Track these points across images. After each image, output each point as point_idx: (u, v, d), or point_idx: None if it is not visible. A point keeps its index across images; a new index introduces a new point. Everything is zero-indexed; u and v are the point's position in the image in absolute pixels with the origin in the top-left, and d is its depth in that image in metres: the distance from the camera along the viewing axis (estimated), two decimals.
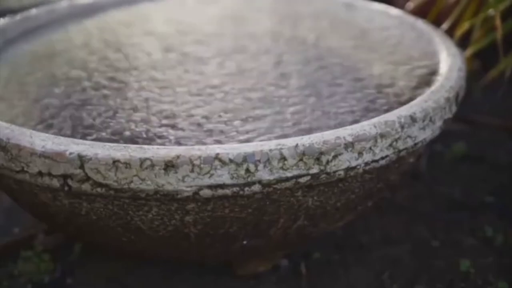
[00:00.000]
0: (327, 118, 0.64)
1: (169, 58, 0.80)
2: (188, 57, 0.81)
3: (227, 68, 0.77)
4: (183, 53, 0.82)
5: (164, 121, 0.64)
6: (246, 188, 0.53)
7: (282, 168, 0.53)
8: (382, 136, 0.56)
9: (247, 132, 0.62)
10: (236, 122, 0.64)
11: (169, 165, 0.51)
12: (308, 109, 0.66)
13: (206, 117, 0.65)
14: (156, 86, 0.72)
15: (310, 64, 0.78)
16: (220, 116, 0.65)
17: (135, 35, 0.89)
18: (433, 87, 0.65)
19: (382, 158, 0.57)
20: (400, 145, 0.58)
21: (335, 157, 0.54)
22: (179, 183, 0.52)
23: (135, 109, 0.67)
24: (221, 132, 0.62)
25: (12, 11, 1.03)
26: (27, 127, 0.59)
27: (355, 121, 0.62)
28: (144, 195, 0.53)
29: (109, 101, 0.69)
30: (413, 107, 0.60)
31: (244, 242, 0.61)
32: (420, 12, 0.96)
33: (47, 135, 0.55)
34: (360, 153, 0.55)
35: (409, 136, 0.58)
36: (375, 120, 0.57)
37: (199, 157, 0.51)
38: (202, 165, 0.51)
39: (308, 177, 0.54)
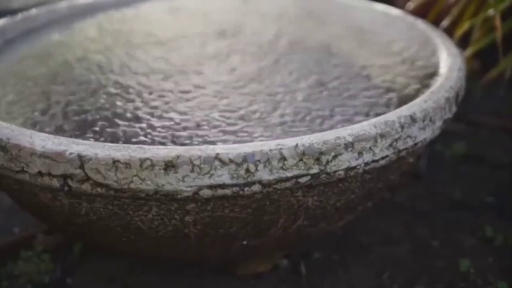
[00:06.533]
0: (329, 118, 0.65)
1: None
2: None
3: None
4: None
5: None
6: (246, 188, 0.53)
7: (282, 168, 0.53)
8: (382, 136, 0.56)
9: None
10: None
11: (169, 165, 0.51)
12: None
13: None
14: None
15: (313, 62, 0.78)
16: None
17: (136, 35, 0.89)
18: (433, 87, 0.65)
19: (382, 158, 0.57)
20: (400, 145, 0.58)
21: (335, 157, 0.54)
22: (179, 183, 0.52)
23: (134, 108, 0.67)
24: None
25: (12, 11, 1.03)
26: (26, 127, 0.59)
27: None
28: (144, 195, 0.53)
29: (115, 100, 0.69)
30: (413, 107, 0.60)
31: (244, 242, 0.61)
32: (420, 12, 0.96)
33: (47, 135, 0.54)
34: (360, 153, 0.55)
35: (409, 136, 0.58)
36: (375, 120, 0.57)
37: (199, 157, 0.51)
38: (202, 165, 0.51)
39: (308, 177, 0.54)
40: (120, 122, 0.64)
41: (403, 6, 1.07)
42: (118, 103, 0.68)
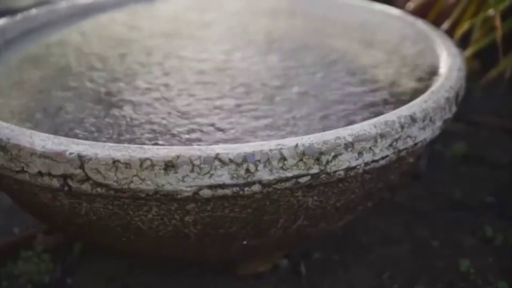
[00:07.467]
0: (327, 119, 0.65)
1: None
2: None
3: None
4: None
5: None
6: (246, 188, 0.53)
7: (282, 168, 0.53)
8: (382, 136, 0.56)
9: None
10: None
11: (169, 165, 0.51)
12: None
13: None
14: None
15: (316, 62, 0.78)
16: None
17: (138, 36, 0.89)
18: (433, 87, 0.65)
19: (382, 158, 0.57)
20: (400, 145, 0.58)
21: (335, 157, 0.54)
22: (179, 183, 0.52)
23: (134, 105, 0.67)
24: None
25: (12, 11, 1.03)
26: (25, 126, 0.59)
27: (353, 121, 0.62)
28: (144, 195, 0.53)
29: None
30: (413, 107, 0.59)
31: (244, 242, 0.61)
32: (420, 12, 0.96)
33: (47, 135, 0.54)
34: (360, 153, 0.55)
35: (409, 136, 0.58)
36: (375, 120, 0.57)
37: (199, 157, 0.51)
38: (202, 165, 0.51)
39: (308, 177, 0.54)
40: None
41: (403, 6, 1.07)
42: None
